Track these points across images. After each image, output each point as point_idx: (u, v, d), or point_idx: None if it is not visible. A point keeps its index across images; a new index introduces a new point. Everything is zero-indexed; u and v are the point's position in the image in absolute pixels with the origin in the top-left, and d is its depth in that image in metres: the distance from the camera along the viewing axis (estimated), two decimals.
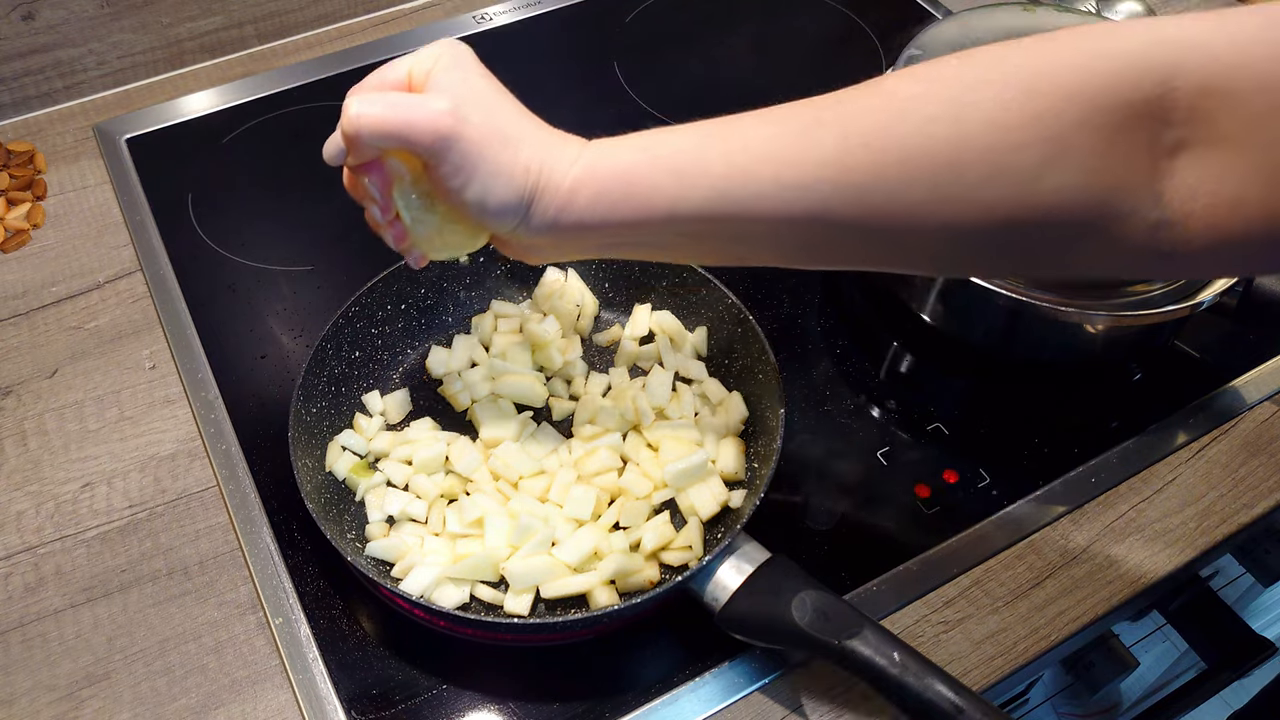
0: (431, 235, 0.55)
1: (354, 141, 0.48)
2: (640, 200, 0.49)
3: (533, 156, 0.50)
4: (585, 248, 0.53)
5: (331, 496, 0.68)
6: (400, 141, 0.48)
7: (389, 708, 0.62)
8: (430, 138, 0.48)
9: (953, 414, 0.76)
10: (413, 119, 0.47)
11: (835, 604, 0.58)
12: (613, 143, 0.50)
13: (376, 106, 0.48)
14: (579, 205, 0.49)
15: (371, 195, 0.53)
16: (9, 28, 0.91)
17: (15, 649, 0.65)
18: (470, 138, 0.48)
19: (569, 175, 0.49)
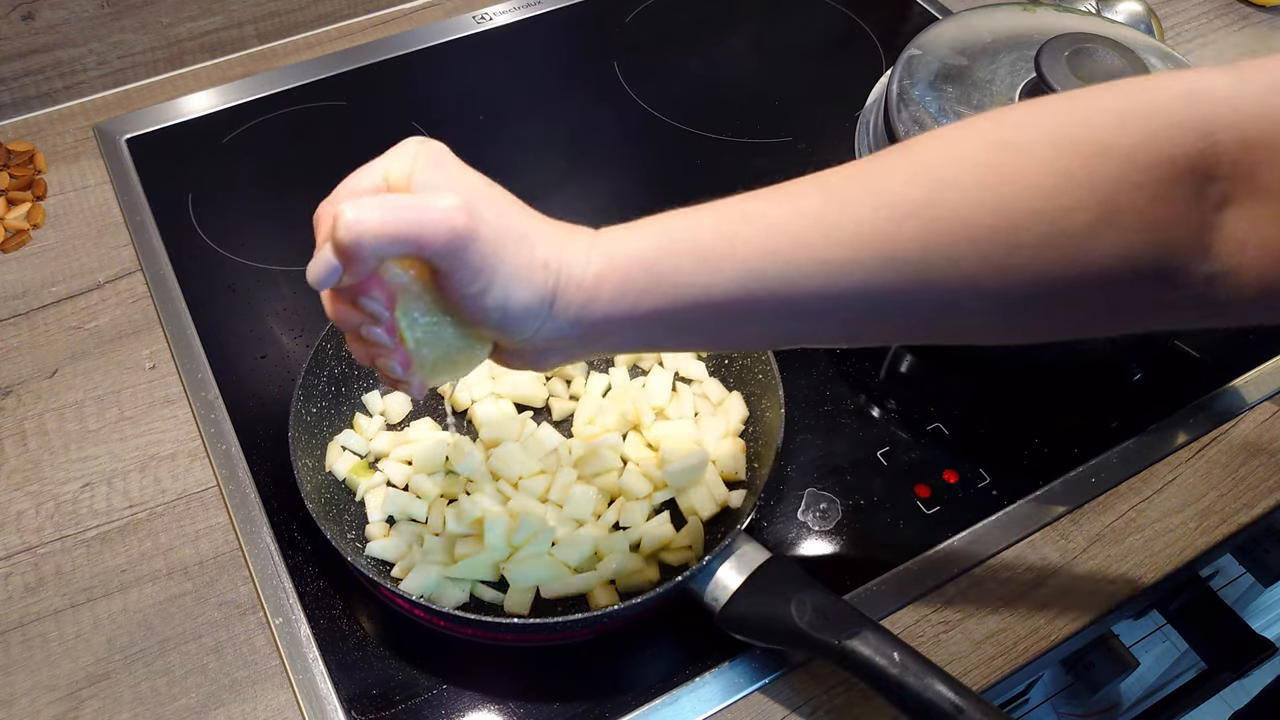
0: (438, 356, 0.49)
1: (353, 253, 0.42)
2: (668, 286, 0.46)
3: (549, 251, 0.46)
4: (611, 344, 0.49)
5: (331, 496, 0.68)
6: (411, 245, 0.43)
7: (389, 708, 0.62)
8: (445, 237, 0.43)
9: (953, 414, 0.76)
10: (423, 219, 0.42)
11: (835, 604, 0.58)
12: (625, 230, 0.47)
13: (377, 210, 0.42)
14: (604, 298, 0.46)
15: (373, 315, 0.46)
16: (9, 28, 0.91)
17: (15, 649, 0.65)
18: (486, 236, 0.44)
19: (589, 267, 0.46)
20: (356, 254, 0.42)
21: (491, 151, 0.95)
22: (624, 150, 0.95)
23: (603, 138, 0.96)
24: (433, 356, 0.49)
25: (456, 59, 1.04)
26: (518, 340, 0.47)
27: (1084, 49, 0.67)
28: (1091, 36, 0.68)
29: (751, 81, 1.03)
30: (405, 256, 0.44)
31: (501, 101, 0.99)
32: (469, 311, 0.46)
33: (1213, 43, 1.05)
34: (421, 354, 0.48)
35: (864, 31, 1.08)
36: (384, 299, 0.46)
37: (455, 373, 0.50)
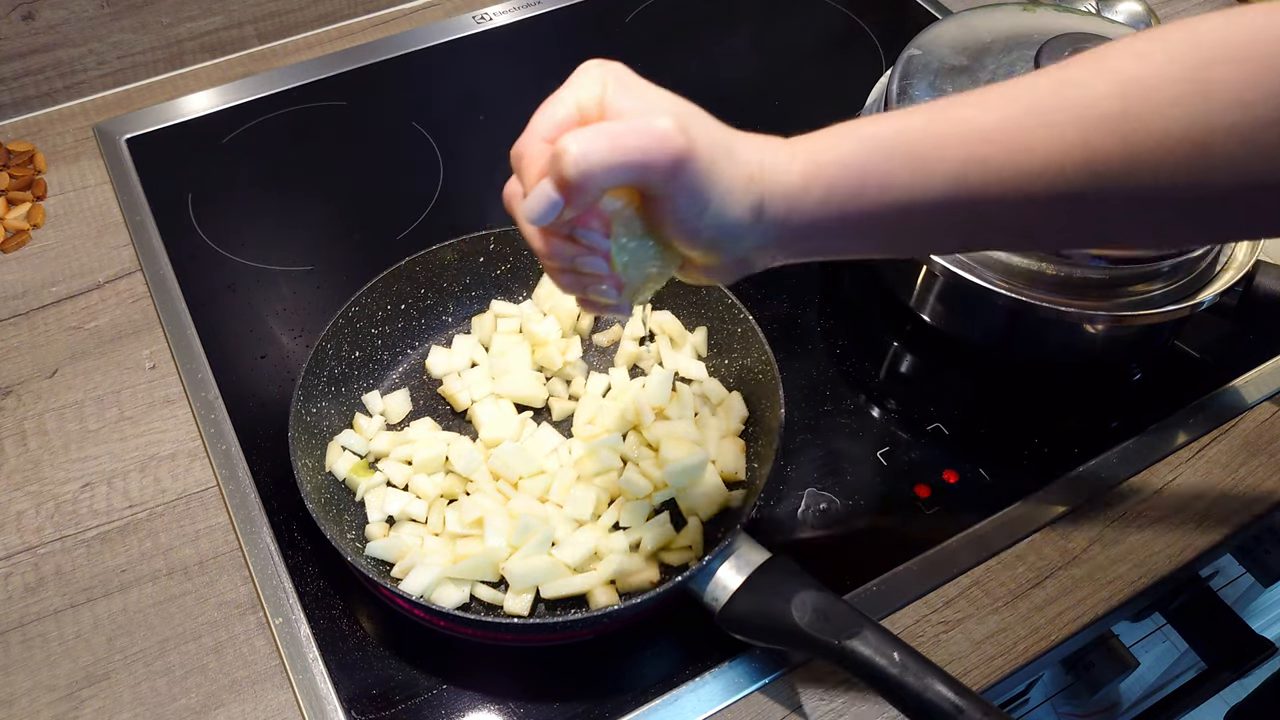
0: (641, 276, 0.49)
1: (581, 187, 0.42)
2: (874, 193, 0.46)
3: (750, 161, 0.46)
4: (808, 249, 0.49)
5: (331, 496, 0.68)
6: (637, 173, 0.42)
7: (389, 708, 0.62)
8: (668, 161, 0.42)
9: (953, 414, 0.76)
10: (646, 145, 0.42)
11: (835, 604, 0.58)
12: (825, 136, 0.47)
13: (602, 140, 0.42)
14: (810, 204, 0.46)
15: (590, 246, 0.46)
16: (9, 28, 0.91)
17: (15, 649, 0.65)
18: (701, 155, 0.43)
19: (792, 174, 0.46)
20: (585, 186, 0.42)
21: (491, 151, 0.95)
22: None
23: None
24: (637, 277, 0.49)
25: (456, 59, 1.04)
26: (721, 255, 0.48)
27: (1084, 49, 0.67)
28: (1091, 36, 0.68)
29: (751, 81, 1.03)
30: (628, 185, 0.43)
31: (501, 101, 0.99)
32: (682, 233, 0.45)
33: None
34: (628, 276, 0.48)
35: (864, 31, 1.08)
36: (601, 229, 0.46)
37: (651, 290, 0.51)
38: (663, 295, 0.78)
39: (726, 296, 0.74)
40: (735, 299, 0.73)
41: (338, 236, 0.88)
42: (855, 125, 0.47)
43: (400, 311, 0.76)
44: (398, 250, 0.77)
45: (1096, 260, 0.69)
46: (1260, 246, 0.74)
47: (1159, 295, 0.71)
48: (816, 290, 0.85)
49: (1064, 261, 0.69)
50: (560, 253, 0.48)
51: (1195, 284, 0.72)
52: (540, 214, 0.44)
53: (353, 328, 0.73)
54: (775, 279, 0.85)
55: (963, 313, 0.78)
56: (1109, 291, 0.71)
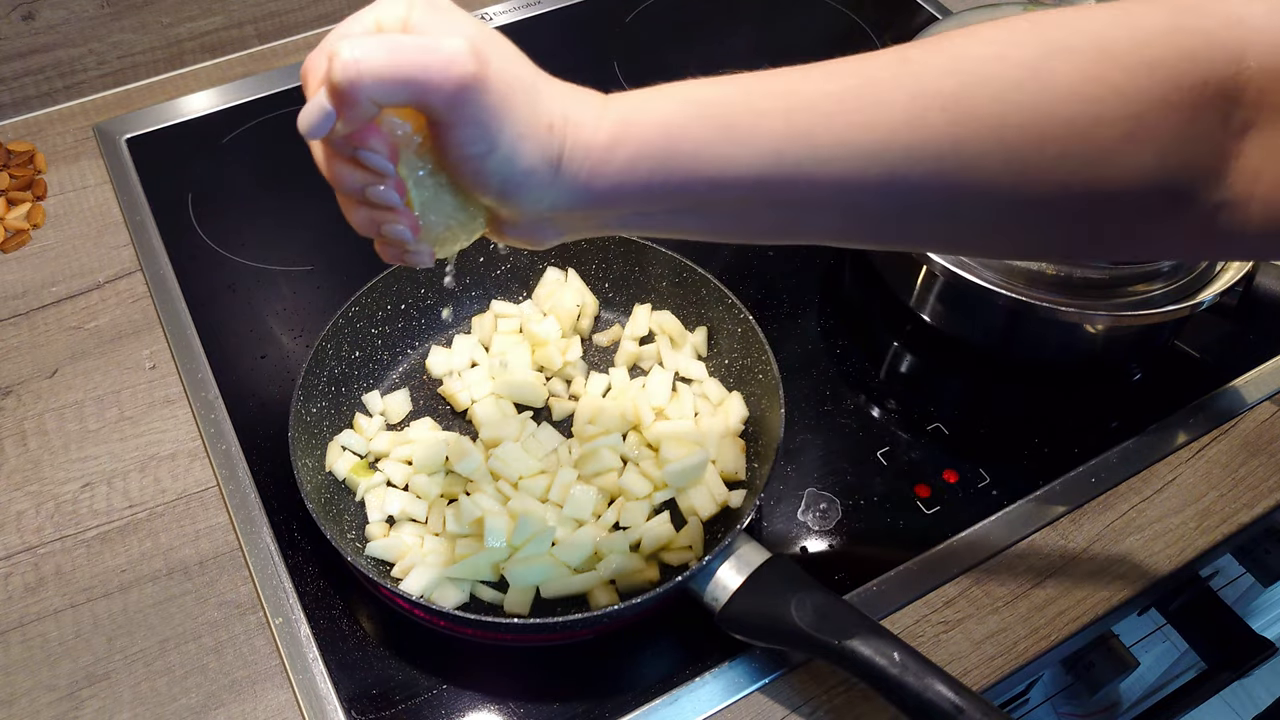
0: (444, 219, 0.45)
1: (350, 95, 0.38)
2: (685, 159, 0.42)
3: (556, 109, 0.42)
4: (609, 220, 0.46)
5: (331, 496, 0.68)
6: (415, 89, 0.38)
7: (389, 708, 0.62)
8: (453, 84, 0.38)
9: (953, 414, 0.76)
10: (429, 60, 0.38)
11: (835, 604, 0.58)
12: (641, 95, 0.43)
13: (378, 49, 0.38)
14: (615, 166, 0.42)
15: (377, 170, 0.42)
16: (9, 28, 0.91)
17: (15, 649, 0.65)
18: (494, 86, 0.40)
19: (600, 131, 0.42)
20: (353, 96, 0.38)
21: None
22: None
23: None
24: (437, 223, 0.45)
25: None
26: (517, 210, 0.44)
27: None
28: None
29: None
30: (406, 105, 0.40)
31: None
32: (469, 174, 0.42)
33: None
34: (428, 219, 0.45)
35: (864, 31, 1.08)
36: (386, 151, 0.42)
37: (456, 244, 0.47)
38: (663, 295, 0.78)
39: (726, 296, 0.74)
40: (735, 299, 0.73)
41: (338, 236, 0.88)
42: (676, 86, 0.43)
43: (400, 311, 0.76)
44: None
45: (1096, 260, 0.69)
46: None
47: (1159, 295, 0.71)
48: (816, 290, 0.85)
49: (1064, 261, 0.69)
50: (346, 179, 0.44)
51: (1195, 284, 0.72)
52: (311, 125, 0.40)
53: (353, 328, 0.73)
54: (776, 279, 0.85)
55: (963, 313, 0.78)
56: (1109, 291, 0.71)
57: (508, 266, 0.80)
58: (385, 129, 0.42)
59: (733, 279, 0.76)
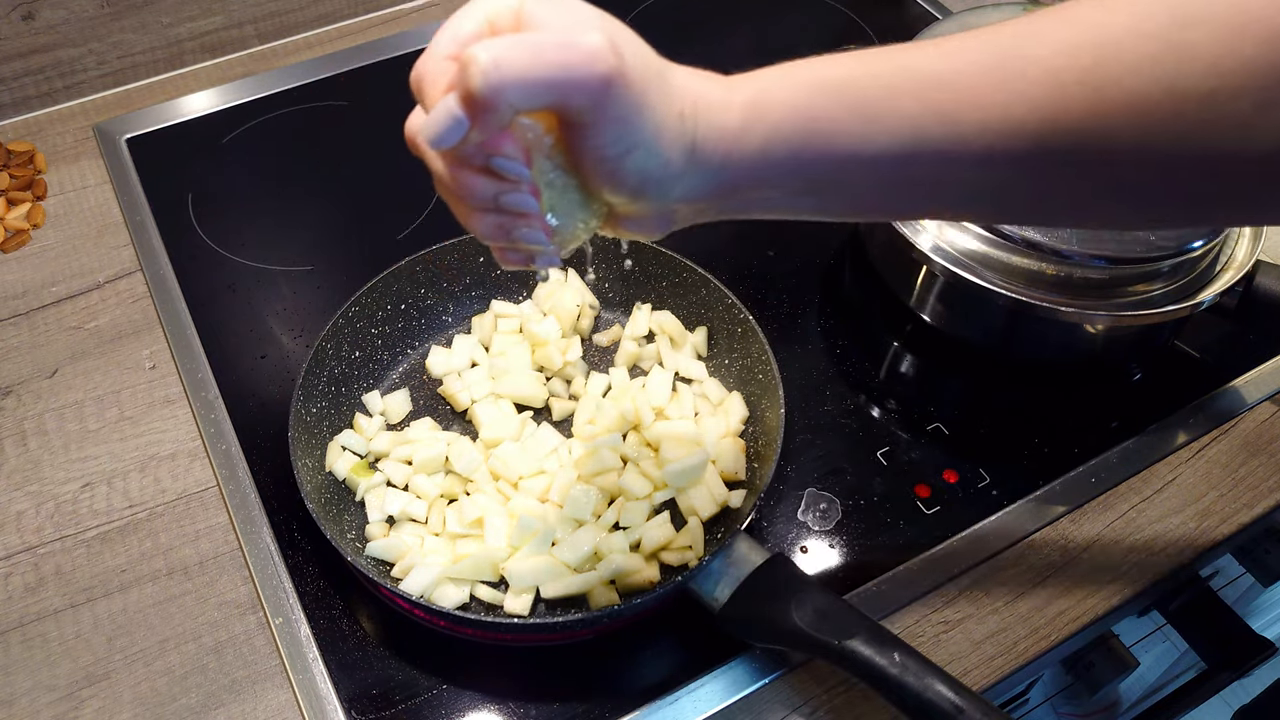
0: (572, 219, 0.43)
1: (491, 103, 0.36)
2: (821, 142, 0.41)
3: (685, 94, 0.40)
4: (730, 206, 0.44)
5: (331, 496, 0.68)
6: (559, 93, 0.36)
7: (389, 708, 0.62)
8: (596, 81, 0.36)
9: (953, 414, 0.76)
10: (570, 60, 0.36)
11: (835, 604, 0.58)
12: (768, 76, 0.42)
13: (521, 52, 0.36)
14: (749, 151, 0.41)
15: (512, 177, 0.40)
16: (9, 28, 0.91)
17: (15, 649, 0.65)
18: (632, 80, 0.38)
19: (730, 114, 0.41)
20: (495, 104, 0.36)
21: None
22: None
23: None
24: (566, 223, 0.42)
25: None
26: (647, 204, 0.42)
27: None
28: None
29: None
30: (547, 108, 0.37)
31: None
32: (606, 174, 0.40)
33: None
34: (559, 218, 0.42)
35: (864, 31, 1.08)
36: (521, 156, 0.40)
37: (577, 242, 0.45)
38: (663, 295, 0.78)
39: (726, 296, 0.74)
40: (735, 299, 0.73)
41: (338, 236, 0.88)
42: (800, 66, 0.42)
43: (400, 311, 0.76)
44: (398, 250, 0.77)
45: (1097, 260, 0.69)
46: (1260, 246, 0.74)
47: (1159, 295, 0.71)
48: (816, 290, 0.85)
49: (1064, 261, 0.69)
50: (476, 190, 0.41)
51: (1195, 284, 0.72)
52: (441, 134, 0.38)
53: (353, 328, 0.73)
54: (775, 279, 0.85)
55: (963, 313, 0.78)
56: (1109, 291, 0.71)
57: None
58: (518, 132, 0.39)
59: (733, 279, 0.76)
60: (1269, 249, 0.76)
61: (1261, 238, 0.74)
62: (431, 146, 0.38)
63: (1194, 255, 0.71)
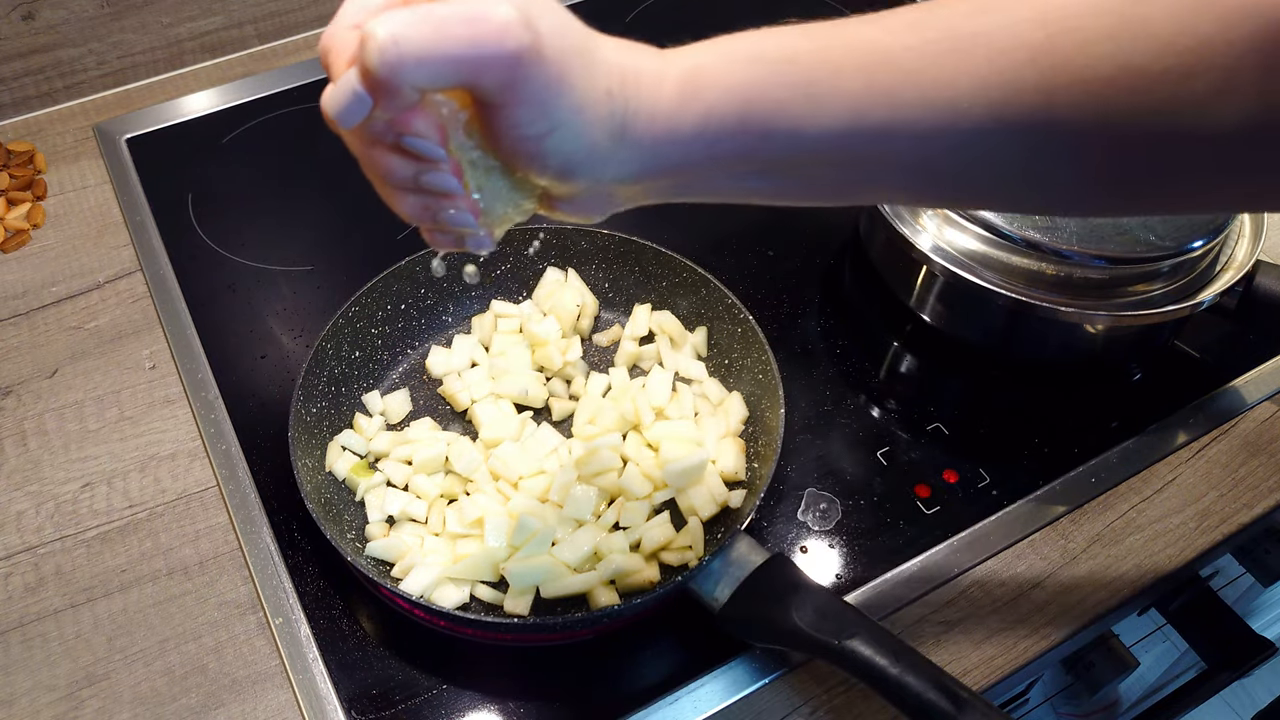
0: (500, 200, 0.41)
1: (390, 83, 0.34)
2: (759, 122, 0.39)
3: (610, 73, 0.38)
4: (668, 188, 0.42)
5: (331, 496, 0.68)
6: (464, 71, 0.34)
7: (389, 708, 0.62)
8: (505, 58, 0.34)
9: (953, 414, 0.76)
10: (477, 36, 0.34)
11: (835, 604, 0.58)
12: (702, 51, 0.41)
13: (421, 27, 0.34)
14: (683, 131, 0.39)
15: (427, 156, 0.38)
16: (9, 28, 0.91)
17: (15, 649, 0.65)
18: (550, 56, 0.35)
19: (662, 92, 0.39)
20: (395, 83, 0.34)
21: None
22: None
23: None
24: (493, 204, 0.41)
25: None
26: (575, 186, 0.40)
27: None
28: None
29: None
30: (453, 87, 0.35)
31: None
32: (525, 155, 0.38)
33: None
34: (485, 202, 0.41)
35: None
36: (435, 135, 0.38)
37: (509, 223, 0.43)
38: (663, 295, 0.78)
39: (726, 296, 0.74)
40: (735, 299, 0.73)
41: (338, 236, 0.88)
42: (739, 40, 0.41)
43: (400, 311, 0.76)
44: (398, 250, 0.77)
45: (1097, 260, 0.69)
46: (1260, 246, 0.74)
47: (1159, 295, 0.71)
48: (816, 290, 0.85)
49: (1064, 261, 0.69)
50: (394, 169, 0.40)
51: (1195, 284, 0.72)
52: (342, 111, 0.36)
53: (353, 328, 0.73)
54: (775, 279, 0.85)
55: (963, 313, 0.78)
56: (1109, 291, 0.71)
57: (508, 266, 0.80)
58: (429, 109, 0.37)
59: (733, 279, 0.76)
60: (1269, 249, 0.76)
61: (1261, 237, 0.74)
62: (338, 123, 0.37)
63: (1194, 255, 0.71)
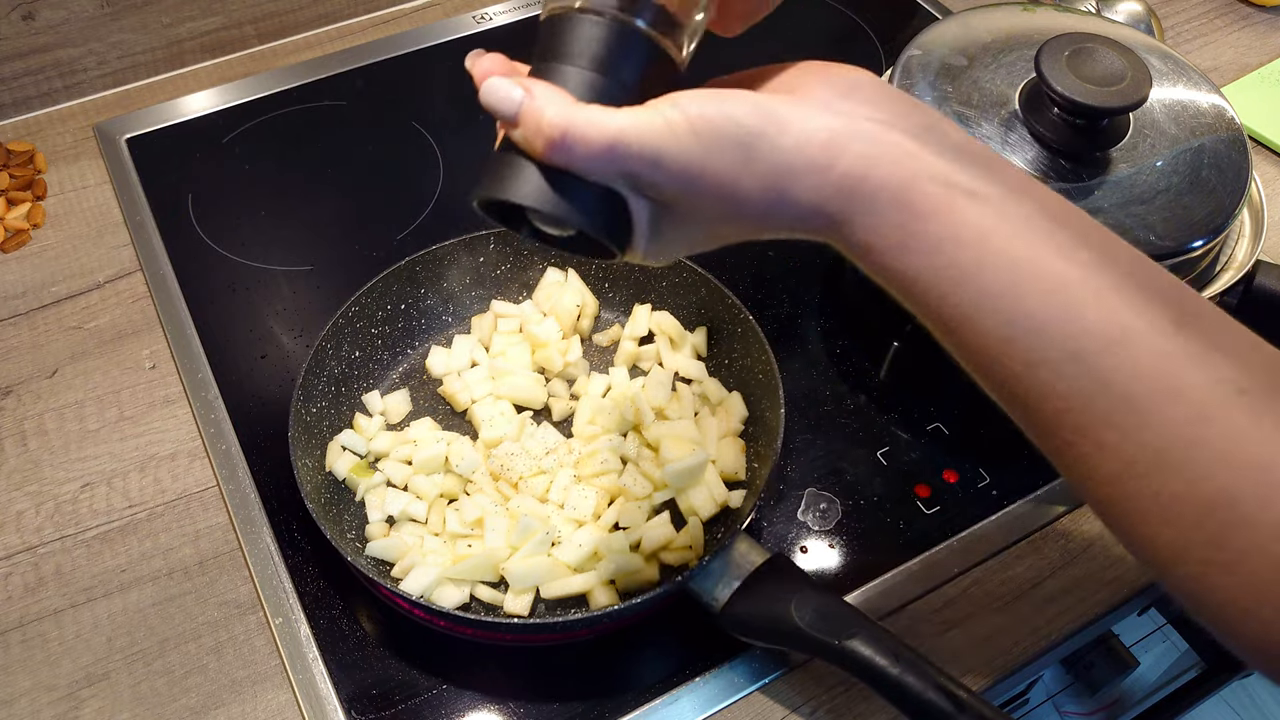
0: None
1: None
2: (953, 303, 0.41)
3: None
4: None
5: (331, 496, 0.68)
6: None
7: (389, 708, 0.62)
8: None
9: (953, 414, 0.76)
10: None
11: (835, 604, 0.58)
12: (891, 163, 0.40)
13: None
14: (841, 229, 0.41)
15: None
16: (9, 28, 0.91)
17: (15, 649, 0.65)
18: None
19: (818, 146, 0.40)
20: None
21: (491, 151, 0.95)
22: None
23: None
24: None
25: (456, 59, 1.04)
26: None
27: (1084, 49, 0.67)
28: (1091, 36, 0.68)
29: None
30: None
31: None
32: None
33: (1213, 43, 1.05)
34: None
35: (864, 31, 1.08)
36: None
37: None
38: (663, 295, 0.78)
39: (726, 296, 0.74)
40: (735, 299, 0.73)
41: (338, 236, 0.88)
42: (955, 177, 0.40)
43: (400, 311, 0.76)
44: (398, 250, 0.77)
45: None
46: (1260, 246, 0.74)
47: None
48: (816, 290, 0.85)
49: None
50: None
51: (1195, 284, 0.72)
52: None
53: (353, 328, 0.73)
54: (776, 279, 0.85)
55: None
56: None
57: (508, 266, 0.80)
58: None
59: (733, 279, 0.76)
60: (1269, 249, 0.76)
61: (1261, 237, 0.74)
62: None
63: (1194, 255, 0.71)
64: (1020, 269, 0.39)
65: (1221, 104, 0.73)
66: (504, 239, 0.78)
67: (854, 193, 0.40)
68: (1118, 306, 0.38)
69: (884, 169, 0.40)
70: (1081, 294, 0.38)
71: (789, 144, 0.40)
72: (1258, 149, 0.93)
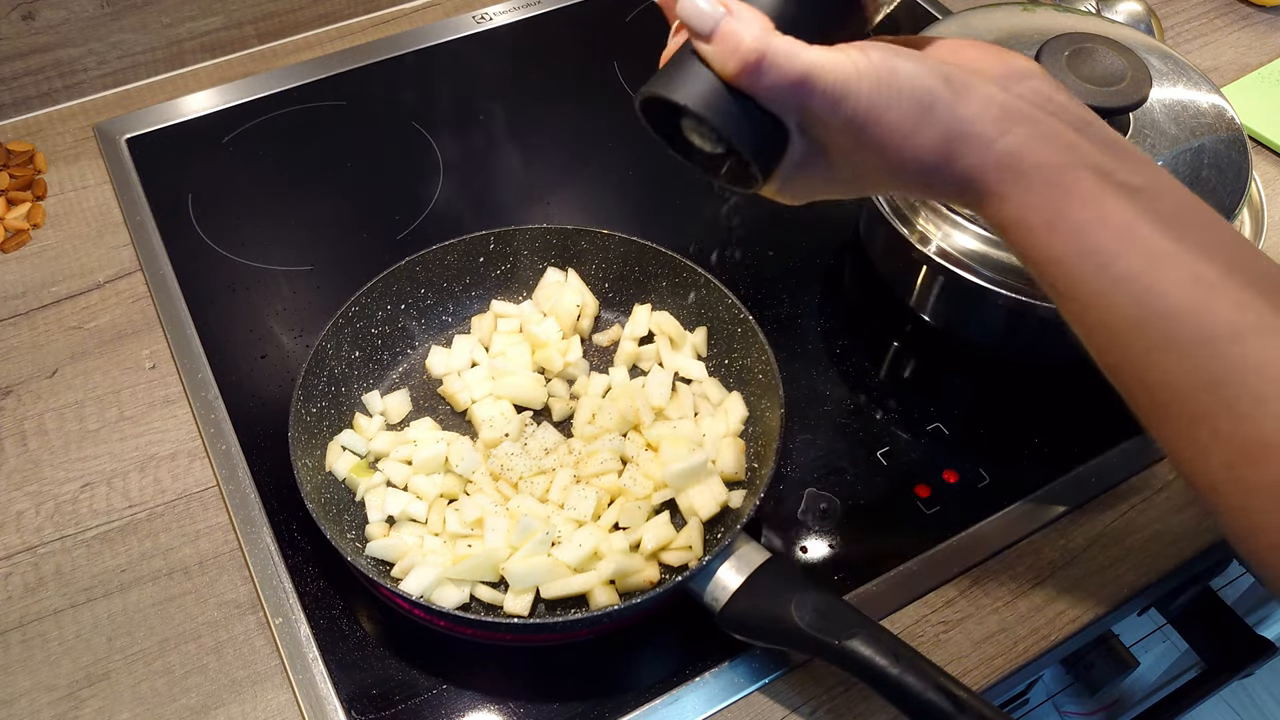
0: None
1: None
2: (1058, 248, 0.43)
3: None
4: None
5: (331, 496, 0.68)
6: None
7: (389, 708, 0.62)
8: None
9: (953, 414, 0.76)
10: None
11: (835, 604, 0.58)
12: (1045, 153, 0.43)
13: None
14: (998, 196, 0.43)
15: None
16: (9, 28, 0.91)
17: (15, 649, 0.65)
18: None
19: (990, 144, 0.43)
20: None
21: (491, 152, 0.95)
22: (624, 150, 0.95)
23: (603, 137, 0.96)
24: None
25: (456, 59, 1.04)
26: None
27: (1084, 49, 0.67)
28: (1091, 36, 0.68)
29: None
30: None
31: (501, 101, 0.99)
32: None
33: (1213, 43, 1.05)
34: None
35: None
36: None
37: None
38: (663, 295, 0.78)
39: (726, 296, 0.74)
40: (735, 299, 0.73)
41: (338, 236, 0.88)
42: (1099, 177, 0.42)
43: (400, 311, 0.76)
44: (398, 250, 0.77)
45: None
46: (1260, 246, 0.74)
47: None
48: (816, 290, 0.85)
49: None
50: None
51: None
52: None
53: (353, 328, 0.73)
54: (776, 279, 0.85)
55: (963, 313, 0.78)
56: None
57: (508, 266, 0.80)
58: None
59: (733, 279, 0.76)
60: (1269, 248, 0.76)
61: (1262, 237, 0.74)
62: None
63: None
64: (1161, 259, 0.41)
65: (1221, 104, 0.73)
66: (504, 239, 0.78)
67: (1013, 169, 0.43)
68: (1249, 302, 0.40)
69: (1046, 152, 0.42)
70: (1217, 287, 0.40)
71: (966, 113, 0.43)
72: (1258, 149, 0.93)
